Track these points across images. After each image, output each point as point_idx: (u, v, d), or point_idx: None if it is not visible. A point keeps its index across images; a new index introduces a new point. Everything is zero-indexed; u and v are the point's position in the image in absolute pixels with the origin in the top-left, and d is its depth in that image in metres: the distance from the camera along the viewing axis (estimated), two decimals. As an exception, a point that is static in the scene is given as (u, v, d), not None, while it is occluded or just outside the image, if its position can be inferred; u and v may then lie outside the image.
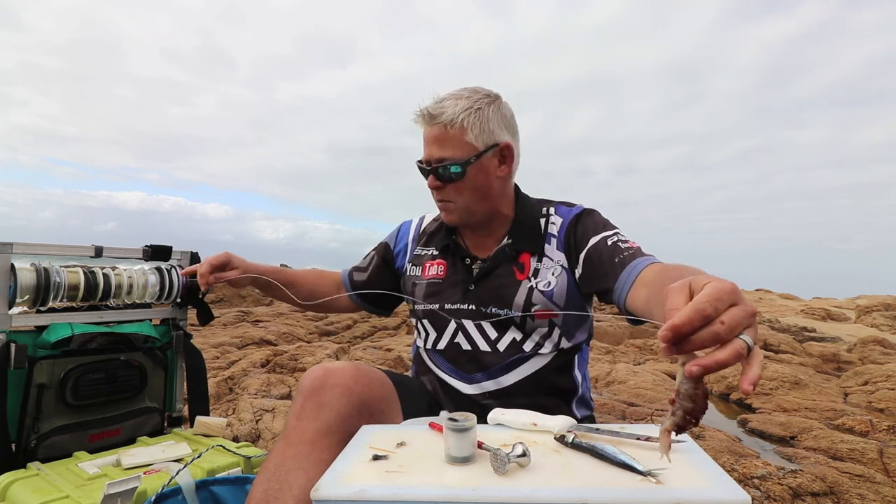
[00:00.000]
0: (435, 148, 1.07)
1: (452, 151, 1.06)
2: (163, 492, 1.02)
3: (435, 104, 1.08)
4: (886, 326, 7.90)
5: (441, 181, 1.09)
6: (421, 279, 1.22)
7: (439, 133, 1.07)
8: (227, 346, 4.68)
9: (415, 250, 1.29)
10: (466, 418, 0.68)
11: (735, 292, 0.52)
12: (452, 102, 1.06)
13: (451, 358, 1.14)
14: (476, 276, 1.14)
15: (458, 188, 1.09)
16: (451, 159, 1.06)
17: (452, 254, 1.19)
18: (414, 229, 1.33)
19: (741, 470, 2.15)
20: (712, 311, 0.50)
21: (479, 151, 1.07)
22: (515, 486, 0.60)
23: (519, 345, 1.09)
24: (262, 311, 7.39)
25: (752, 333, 0.52)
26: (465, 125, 1.05)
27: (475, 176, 1.09)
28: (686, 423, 0.56)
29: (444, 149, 1.07)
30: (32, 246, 1.34)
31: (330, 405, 0.88)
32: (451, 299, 1.14)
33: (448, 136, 1.06)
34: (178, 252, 1.65)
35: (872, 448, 2.49)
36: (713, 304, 0.50)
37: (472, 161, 1.07)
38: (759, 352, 0.52)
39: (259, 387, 3.27)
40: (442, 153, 1.07)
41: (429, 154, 1.09)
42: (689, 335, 0.50)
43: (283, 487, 0.78)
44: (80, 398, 1.38)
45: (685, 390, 0.55)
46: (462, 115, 1.05)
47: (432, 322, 1.18)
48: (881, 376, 3.99)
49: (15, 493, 1.12)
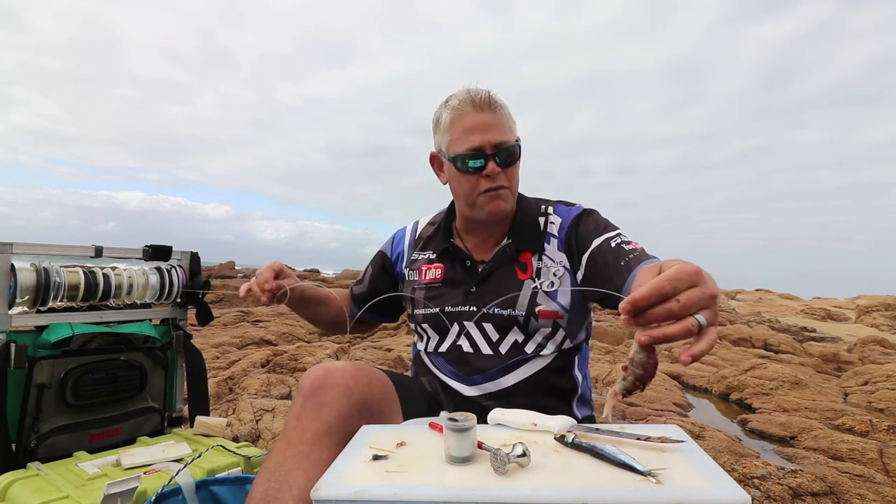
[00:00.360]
0: (494, 132, 1.07)
1: (508, 134, 1.09)
2: (163, 492, 1.02)
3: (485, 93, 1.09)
4: (886, 326, 7.90)
5: (501, 166, 1.08)
6: (419, 283, 1.21)
7: (494, 118, 1.08)
8: (227, 346, 4.68)
9: (412, 255, 1.27)
10: (466, 418, 0.68)
11: (697, 274, 0.57)
12: (494, 95, 1.10)
13: (452, 360, 1.13)
14: (478, 278, 1.13)
15: (511, 173, 1.10)
16: (509, 142, 1.08)
17: (451, 257, 1.18)
18: (409, 235, 1.31)
19: (741, 470, 2.15)
20: (670, 290, 0.55)
21: (519, 139, 1.12)
22: (515, 486, 0.60)
23: (521, 346, 1.08)
24: (262, 311, 7.39)
25: (708, 314, 0.56)
26: (509, 114, 1.12)
27: (520, 162, 1.13)
28: (634, 387, 0.64)
29: (503, 132, 1.08)
30: (32, 246, 1.34)
31: (330, 405, 0.88)
32: (452, 302, 1.14)
33: (503, 121, 1.09)
34: (177, 252, 1.65)
35: (872, 448, 2.49)
36: (672, 283, 0.56)
37: (520, 144, 1.12)
38: (712, 331, 0.57)
39: (259, 387, 3.27)
40: (501, 136, 1.07)
41: (488, 139, 1.07)
42: (646, 310, 0.56)
43: (283, 487, 0.78)
44: (80, 398, 1.38)
45: (638, 359, 0.62)
46: (506, 105, 1.11)
47: (433, 326, 1.17)
48: (881, 376, 3.99)
49: (15, 493, 1.12)
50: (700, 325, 0.55)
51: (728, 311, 8.73)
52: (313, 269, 18.29)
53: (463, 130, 1.08)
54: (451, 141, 1.10)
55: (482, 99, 1.08)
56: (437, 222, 1.27)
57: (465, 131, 1.08)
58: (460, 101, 1.09)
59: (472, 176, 1.08)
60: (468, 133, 1.07)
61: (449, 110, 1.10)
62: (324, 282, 14.75)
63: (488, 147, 1.07)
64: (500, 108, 1.09)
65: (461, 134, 1.08)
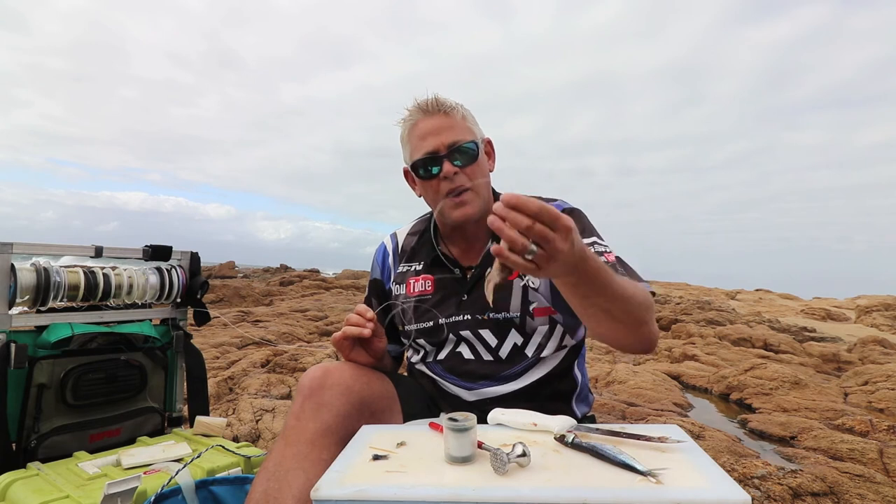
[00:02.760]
0: (445, 133, 1.07)
1: (462, 134, 1.08)
2: (163, 492, 1.02)
3: (431, 98, 1.09)
4: (886, 326, 7.90)
5: (457, 165, 1.06)
6: (408, 298, 1.17)
7: (444, 120, 1.08)
8: (227, 346, 4.68)
9: (397, 268, 1.23)
10: (466, 418, 0.68)
11: (567, 229, 0.67)
12: (444, 98, 1.10)
13: (451, 368, 1.11)
14: (468, 286, 1.11)
15: (473, 171, 1.08)
16: (462, 140, 1.07)
17: (440, 267, 1.15)
18: (391, 248, 1.27)
19: (741, 470, 2.14)
20: (543, 218, 0.65)
21: (477, 138, 1.11)
22: (515, 486, 0.60)
23: (521, 350, 1.07)
24: (262, 312, 7.39)
25: (542, 253, 0.67)
26: (464, 114, 1.11)
27: (484, 160, 1.12)
28: (508, 276, 0.76)
29: (454, 132, 1.07)
30: (33, 246, 1.34)
31: (329, 405, 0.88)
32: (446, 313, 1.11)
33: (454, 122, 1.08)
34: (177, 252, 1.65)
35: (872, 448, 2.49)
36: (550, 215, 0.66)
37: (479, 143, 1.10)
38: (535, 268, 0.69)
39: (259, 387, 3.27)
40: (453, 136, 1.07)
41: (438, 142, 1.06)
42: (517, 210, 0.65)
43: (283, 487, 0.78)
44: (80, 398, 1.38)
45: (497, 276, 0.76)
46: (458, 106, 1.10)
47: (429, 339, 1.14)
48: (881, 376, 3.99)
49: (15, 493, 1.12)
50: (529, 251, 0.66)
51: (728, 311, 8.73)
52: (313, 269, 18.28)
53: (417, 138, 1.09)
54: (411, 151, 1.11)
55: (430, 104, 1.08)
56: (419, 231, 1.24)
57: (419, 138, 1.08)
58: (410, 111, 1.11)
59: (433, 181, 1.08)
60: (421, 139, 1.08)
61: (404, 122, 1.12)
62: (324, 281, 14.74)
63: (442, 149, 1.06)
64: (451, 109, 1.09)
65: (416, 142, 1.09)
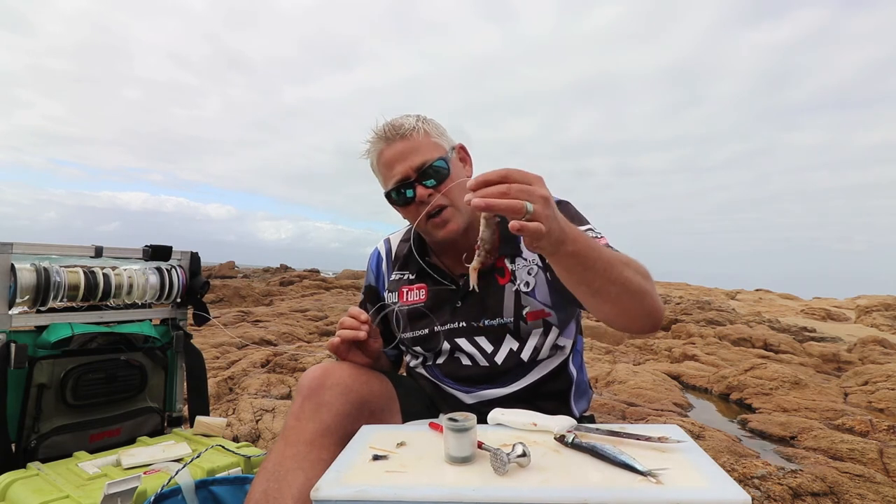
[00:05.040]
0: (411, 157, 1.05)
1: (428, 153, 1.05)
2: (162, 492, 1.02)
3: (388, 125, 1.07)
4: (886, 326, 7.90)
5: (429, 186, 1.05)
6: (402, 306, 1.16)
7: (407, 145, 1.05)
8: (227, 346, 4.68)
9: (391, 276, 1.22)
10: (466, 418, 0.68)
11: (538, 179, 0.72)
12: (401, 120, 1.07)
13: (449, 373, 1.12)
14: (461, 293, 1.10)
15: (448, 188, 1.06)
16: (430, 159, 1.05)
17: (433, 276, 1.14)
18: (385, 254, 1.27)
19: (741, 470, 2.14)
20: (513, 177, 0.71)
21: (446, 150, 1.08)
22: (515, 486, 0.60)
23: (517, 354, 1.07)
24: (262, 311, 7.39)
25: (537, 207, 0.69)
26: (426, 130, 1.07)
27: (457, 174, 1.08)
28: (488, 260, 0.82)
29: (420, 153, 1.05)
30: (33, 246, 1.34)
31: (329, 405, 0.88)
32: (440, 321, 1.11)
33: (417, 144, 1.05)
34: (177, 252, 1.65)
35: (872, 448, 2.49)
36: (515, 174, 0.71)
37: (449, 156, 1.08)
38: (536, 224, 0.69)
39: (259, 387, 3.27)
40: (420, 158, 1.04)
41: (406, 167, 1.04)
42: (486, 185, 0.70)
43: (283, 487, 0.78)
44: (80, 398, 1.38)
45: (485, 237, 0.80)
46: (418, 124, 1.07)
47: (425, 347, 1.14)
48: (881, 376, 3.99)
49: (15, 493, 1.12)
50: (527, 210, 0.69)
51: (728, 311, 8.73)
52: (313, 269, 18.28)
53: (385, 167, 1.07)
54: (383, 180, 1.10)
55: (387, 130, 1.06)
56: (410, 239, 1.22)
57: (387, 167, 1.07)
58: (372, 141, 1.08)
59: (410, 206, 1.07)
60: (388, 168, 1.06)
61: (369, 154, 1.10)
62: (324, 281, 14.74)
63: (411, 174, 1.04)
64: (410, 131, 1.06)
65: (385, 171, 1.08)
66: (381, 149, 1.07)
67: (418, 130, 1.06)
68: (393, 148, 1.05)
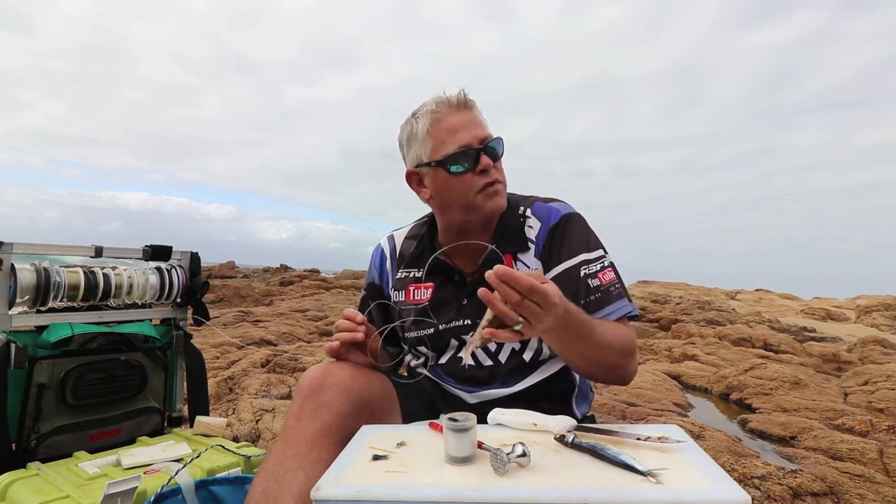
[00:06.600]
0: (477, 128, 1.06)
1: (490, 130, 1.09)
2: (162, 492, 1.02)
3: (458, 93, 1.08)
4: (886, 326, 7.90)
5: (492, 160, 1.06)
6: (407, 304, 1.16)
7: (475, 115, 1.09)
8: (227, 346, 4.68)
9: (396, 274, 1.22)
10: (466, 418, 0.68)
11: (553, 305, 0.74)
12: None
13: (452, 372, 1.12)
14: (468, 290, 1.10)
15: (500, 167, 1.10)
16: (493, 136, 1.07)
17: (440, 272, 1.14)
18: (389, 252, 1.26)
19: (741, 470, 2.14)
20: (534, 298, 0.72)
21: None
22: (515, 486, 0.60)
23: (519, 354, 1.07)
24: (262, 312, 7.39)
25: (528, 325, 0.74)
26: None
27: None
28: (485, 341, 0.79)
29: (484, 128, 1.08)
30: (33, 246, 1.34)
31: (329, 405, 0.88)
32: (446, 318, 1.11)
33: (481, 118, 1.09)
34: (177, 252, 1.65)
35: (872, 448, 2.49)
36: (539, 296, 0.72)
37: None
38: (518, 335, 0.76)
39: (259, 387, 3.27)
40: (485, 132, 1.07)
41: (475, 134, 1.05)
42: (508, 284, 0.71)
43: (283, 487, 0.78)
44: (80, 398, 1.38)
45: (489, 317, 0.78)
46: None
47: (430, 346, 1.14)
48: (881, 376, 3.99)
49: (15, 493, 1.12)
50: (515, 325, 0.74)
51: (728, 311, 8.72)
52: (313, 269, 18.27)
53: (446, 132, 1.05)
54: (435, 146, 1.06)
55: (458, 99, 1.07)
56: (417, 236, 1.22)
57: (448, 133, 1.05)
58: (437, 104, 1.07)
59: (467, 175, 1.05)
60: (452, 134, 1.04)
61: (424, 118, 1.07)
62: (324, 281, 14.74)
63: (476, 142, 1.05)
64: (475, 105, 1.09)
65: (445, 136, 1.05)
66: (444, 113, 1.06)
67: (478, 108, 1.10)
68: (461, 115, 1.06)
